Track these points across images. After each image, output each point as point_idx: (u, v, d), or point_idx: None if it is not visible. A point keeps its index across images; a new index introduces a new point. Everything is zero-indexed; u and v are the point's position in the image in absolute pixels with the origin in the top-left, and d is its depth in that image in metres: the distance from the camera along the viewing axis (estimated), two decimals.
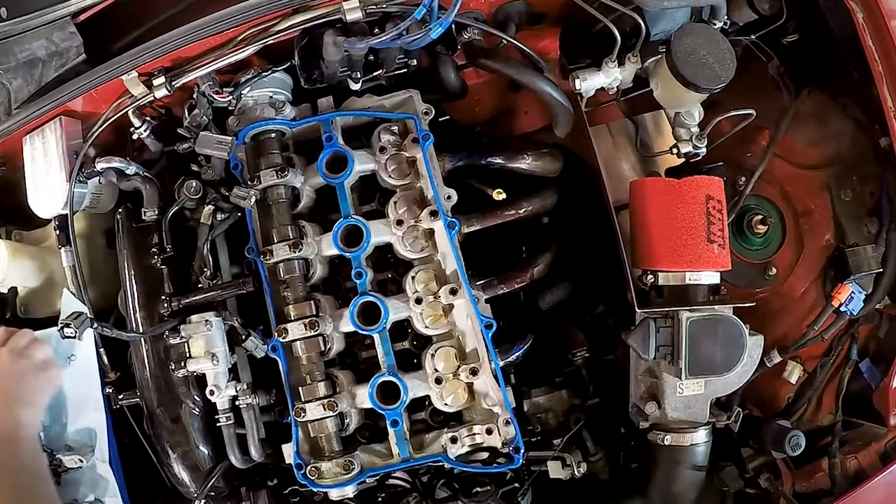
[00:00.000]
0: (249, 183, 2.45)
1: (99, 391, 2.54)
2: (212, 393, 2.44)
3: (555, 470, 2.62)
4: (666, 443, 2.51)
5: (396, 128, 2.51)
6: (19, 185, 2.53)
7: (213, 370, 2.43)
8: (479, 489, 2.59)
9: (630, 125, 2.90)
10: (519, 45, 2.52)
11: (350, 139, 2.54)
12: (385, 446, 2.46)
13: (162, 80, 2.36)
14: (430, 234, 2.45)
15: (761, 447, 2.69)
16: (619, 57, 2.50)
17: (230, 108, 2.49)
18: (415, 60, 2.52)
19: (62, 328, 2.39)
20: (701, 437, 2.51)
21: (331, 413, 2.37)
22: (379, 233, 2.45)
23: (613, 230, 2.55)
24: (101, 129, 2.43)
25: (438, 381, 2.40)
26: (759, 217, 2.81)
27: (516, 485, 2.64)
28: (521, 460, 2.40)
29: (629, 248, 2.55)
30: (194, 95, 2.45)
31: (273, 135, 2.48)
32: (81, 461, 2.54)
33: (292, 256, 2.41)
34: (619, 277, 2.56)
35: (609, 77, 2.54)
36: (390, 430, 2.41)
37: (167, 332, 2.44)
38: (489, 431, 2.40)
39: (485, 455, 2.45)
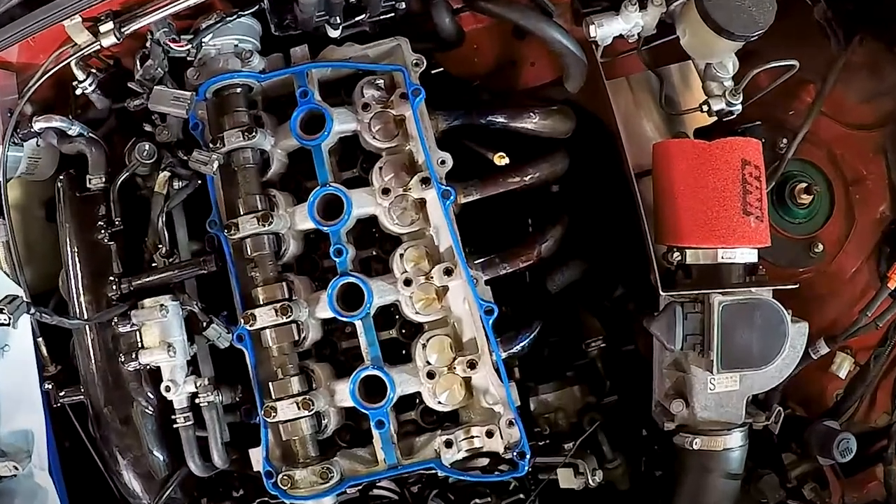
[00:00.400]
0: (211, 145, 2.38)
1: (37, 387, 2.49)
2: (168, 389, 2.37)
3: (566, 479, 2.58)
4: (695, 447, 2.45)
5: (382, 81, 2.45)
6: None
7: (169, 363, 2.37)
8: (477, 501, 2.59)
9: (653, 78, 2.80)
10: None
11: (328, 95, 2.48)
12: (369, 451, 2.41)
13: (110, 25, 2.26)
14: (422, 204, 2.40)
15: (805, 452, 2.63)
16: None
17: (189, 58, 2.42)
18: (403, 3, 2.44)
19: None
20: (735, 440, 2.45)
21: (306, 412, 2.31)
22: (362, 203, 2.39)
23: (634, 200, 2.50)
24: (39, 83, 2.36)
25: (431, 375, 2.35)
26: (804, 185, 2.70)
27: (521, 496, 2.63)
28: (526, 467, 2.34)
29: (652, 221, 2.49)
30: (147, 44, 2.36)
31: (239, 89, 2.41)
32: (16, 468, 2.48)
33: (261, 231, 2.35)
34: (640, 255, 2.50)
35: (629, 23, 2.46)
36: (375, 433, 2.35)
37: (116, 319, 2.38)
38: (490, 434, 2.35)
39: (485, 461, 2.42)
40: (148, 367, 2.38)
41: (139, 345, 2.35)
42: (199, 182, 2.44)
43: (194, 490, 2.55)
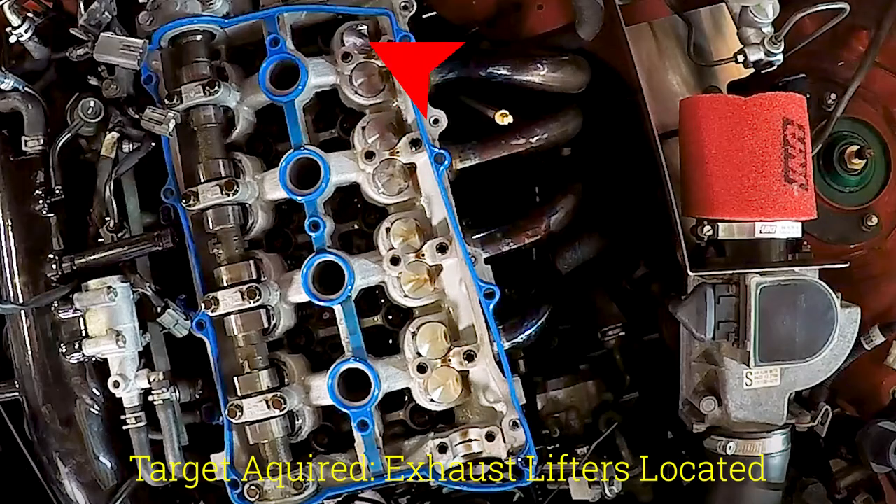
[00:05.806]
0: (167, 102, 2.39)
1: None
2: (116, 385, 2.37)
3: (579, 489, 2.56)
4: (729, 452, 2.46)
5: (365, 27, 2.45)
6: None
7: (118, 354, 2.37)
8: None
9: (680, 24, 2.76)
10: None
11: (303, 43, 2.50)
12: (350, 457, 2.41)
13: None
14: (411, 170, 2.40)
15: (857, 458, 2.62)
16: None
17: (141, 0, 2.43)
18: None
19: None
20: (776, 444, 2.46)
21: (276, 412, 2.31)
22: (341, 169, 2.39)
23: (658, 166, 2.46)
24: None
25: (422, 368, 2.35)
26: (855, 148, 2.63)
27: None
28: (533, 476, 2.35)
29: (679, 189, 2.47)
30: None
31: (199, 37, 2.43)
32: None
33: (225, 201, 2.36)
34: (665, 230, 2.48)
35: None
36: (357, 436, 2.36)
37: (56, 303, 2.39)
38: (490, 437, 2.36)
39: (485, 468, 2.40)
40: (93, 359, 2.38)
41: (83, 333, 2.35)
42: (153, 144, 2.44)
43: (147, 502, 2.53)
